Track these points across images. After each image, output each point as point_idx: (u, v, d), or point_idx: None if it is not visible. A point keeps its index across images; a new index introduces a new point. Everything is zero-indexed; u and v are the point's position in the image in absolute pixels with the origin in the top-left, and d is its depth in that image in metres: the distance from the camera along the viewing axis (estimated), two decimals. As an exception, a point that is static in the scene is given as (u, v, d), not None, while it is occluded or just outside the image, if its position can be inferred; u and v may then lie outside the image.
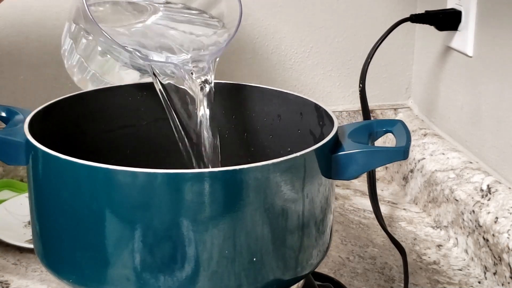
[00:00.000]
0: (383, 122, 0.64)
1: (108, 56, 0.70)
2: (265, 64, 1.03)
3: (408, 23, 0.93)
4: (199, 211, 0.51)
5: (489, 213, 0.78)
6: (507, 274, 0.73)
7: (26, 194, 0.85)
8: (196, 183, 0.51)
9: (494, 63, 0.85)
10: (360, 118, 1.05)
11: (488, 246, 0.77)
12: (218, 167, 0.65)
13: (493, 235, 0.76)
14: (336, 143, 0.59)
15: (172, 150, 0.73)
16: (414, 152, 0.97)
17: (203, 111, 0.65)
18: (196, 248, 0.52)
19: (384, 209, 0.93)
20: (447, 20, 0.92)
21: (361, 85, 0.89)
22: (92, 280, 0.54)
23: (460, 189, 0.84)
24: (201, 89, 0.65)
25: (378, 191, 0.93)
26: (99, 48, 0.69)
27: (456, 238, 0.84)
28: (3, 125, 0.63)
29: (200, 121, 0.65)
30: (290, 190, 0.54)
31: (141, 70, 0.70)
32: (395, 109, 1.09)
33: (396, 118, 1.05)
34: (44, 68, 0.97)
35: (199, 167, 0.66)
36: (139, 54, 0.64)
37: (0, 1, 0.73)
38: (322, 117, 0.65)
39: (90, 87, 0.73)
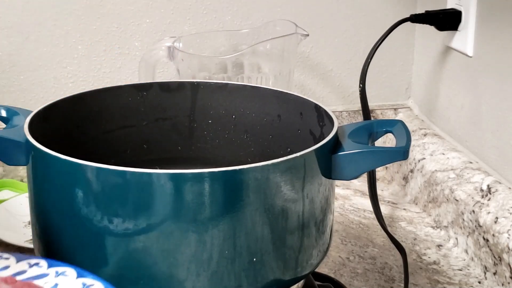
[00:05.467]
0: (383, 122, 0.64)
1: None
2: (265, 64, 1.03)
3: (408, 23, 0.93)
4: (199, 211, 0.51)
5: (489, 213, 0.78)
6: (507, 274, 0.73)
7: (26, 194, 0.85)
8: (196, 183, 0.51)
9: (494, 63, 0.85)
10: (360, 118, 1.05)
11: (488, 246, 0.77)
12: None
13: (493, 235, 0.76)
14: (336, 143, 0.59)
15: (172, 150, 0.73)
16: (414, 152, 0.97)
17: None
18: (196, 248, 0.52)
19: (384, 209, 0.93)
20: (447, 20, 0.92)
21: (361, 85, 0.88)
22: (92, 280, 0.54)
23: (460, 189, 0.84)
24: None
25: (378, 191, 0.93)
26: None
27: (456, 238, 0.84)
28: (3, 125, 0.63)
29: None
30: (290, 190, 0.54)
31: None
32: (395, 109, 1.09)
33: (396, 118, 1.05)
34: (44, 68, 0.97)
35: None
36: None
37: None
38: (322, 117, 0.64)
39: None
